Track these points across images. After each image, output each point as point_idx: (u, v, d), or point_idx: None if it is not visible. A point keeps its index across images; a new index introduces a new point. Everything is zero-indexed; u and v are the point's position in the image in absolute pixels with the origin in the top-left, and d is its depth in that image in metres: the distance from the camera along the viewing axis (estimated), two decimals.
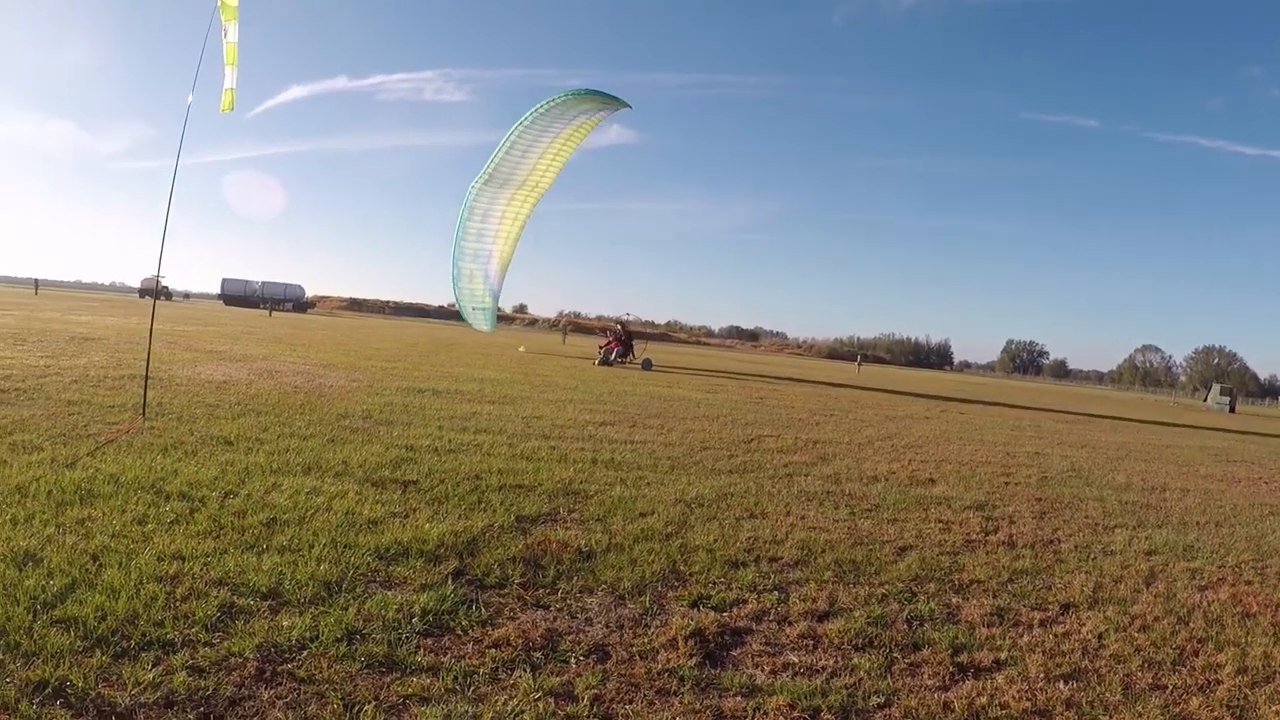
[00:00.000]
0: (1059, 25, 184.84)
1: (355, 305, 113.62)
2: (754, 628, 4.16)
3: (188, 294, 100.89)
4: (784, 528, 6.16)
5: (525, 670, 3.41)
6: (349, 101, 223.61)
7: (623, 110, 26.15)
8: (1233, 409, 51.07)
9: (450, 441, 8.39)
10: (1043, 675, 3.86)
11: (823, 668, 3.74)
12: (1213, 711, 3.68)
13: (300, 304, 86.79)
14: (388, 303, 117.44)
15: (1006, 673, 3.87)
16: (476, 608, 4.03)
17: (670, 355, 45.43)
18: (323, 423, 8.77)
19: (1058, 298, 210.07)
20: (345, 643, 3.47)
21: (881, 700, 3.47)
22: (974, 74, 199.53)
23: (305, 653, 3.36)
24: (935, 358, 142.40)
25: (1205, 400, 58.59)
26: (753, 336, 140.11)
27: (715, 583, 4.76)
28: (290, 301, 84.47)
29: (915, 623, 4.43)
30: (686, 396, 17.05)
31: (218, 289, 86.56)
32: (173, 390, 10.17)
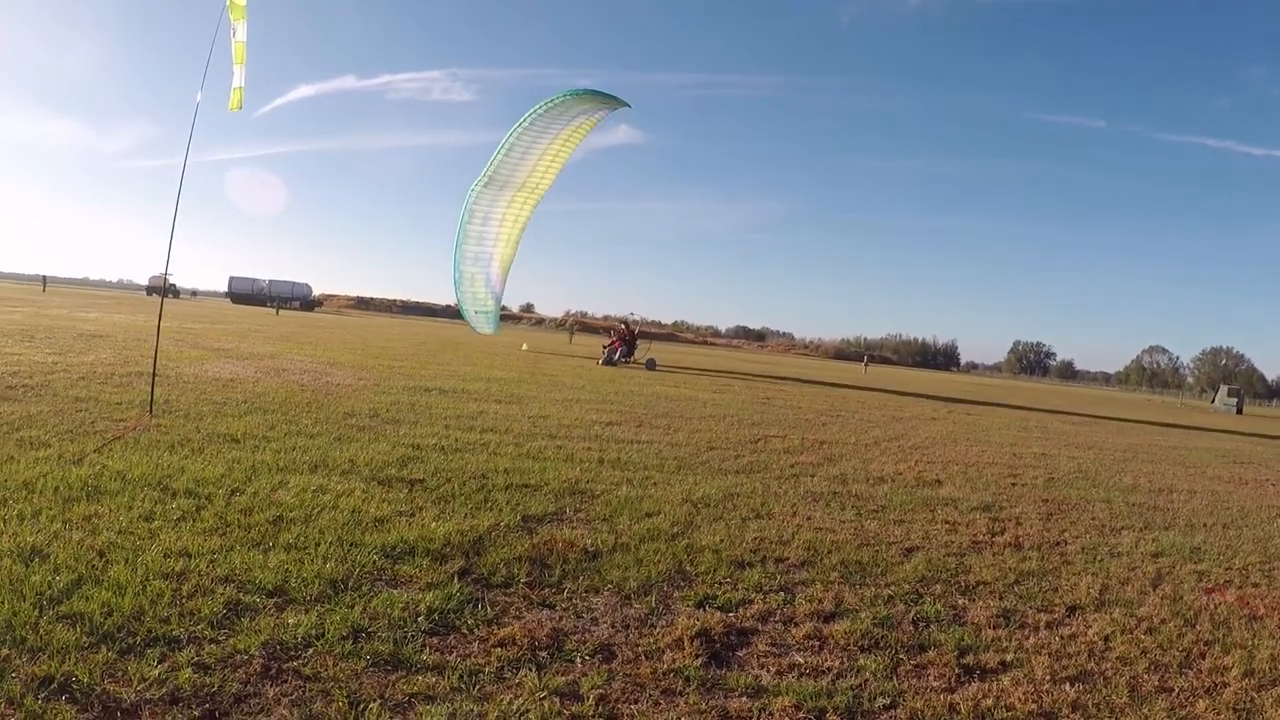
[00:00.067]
0: (1065, 25, 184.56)
1: (362, 304, 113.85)
2: (760, 628, 4.15)
3: (195, 292, 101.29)
4: (790, 528, 6.15)
5: (530, 669, 3.41)
6: (356, 101, 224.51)
7: (628, 110, 26.15)
8: (1240, 410, 50.92)
9: (457, 440, 8.40)
10: (1049, 677, 3.85)
11: (828, 669, 3.74)
12: (1219, 714, 3.67)
13: (307, 302, 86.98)
14: (395, 301, 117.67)
15: (1013, 674, 3.86)
16: (482, 607, 4.03)
17: (677, 355, 45.44)
18: (329, 421, 8.78)
19: (1065, 299, 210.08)
20: (351, 641, 3.47)
21: (887, 701, 3.46)
22: (980, 74, 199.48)
23: (311, 650, 3.36)
24: (942, 358, 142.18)
25: (1212, 401, 58.33)
26: (759, 337, 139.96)
27: (721, 583, 4.75)
28: (297, 300, 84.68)
29: (921, 624, 4.41)
30: (693, 397, 17.04)
31: (225, 287, 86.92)
32: (180, 388, 10.20)
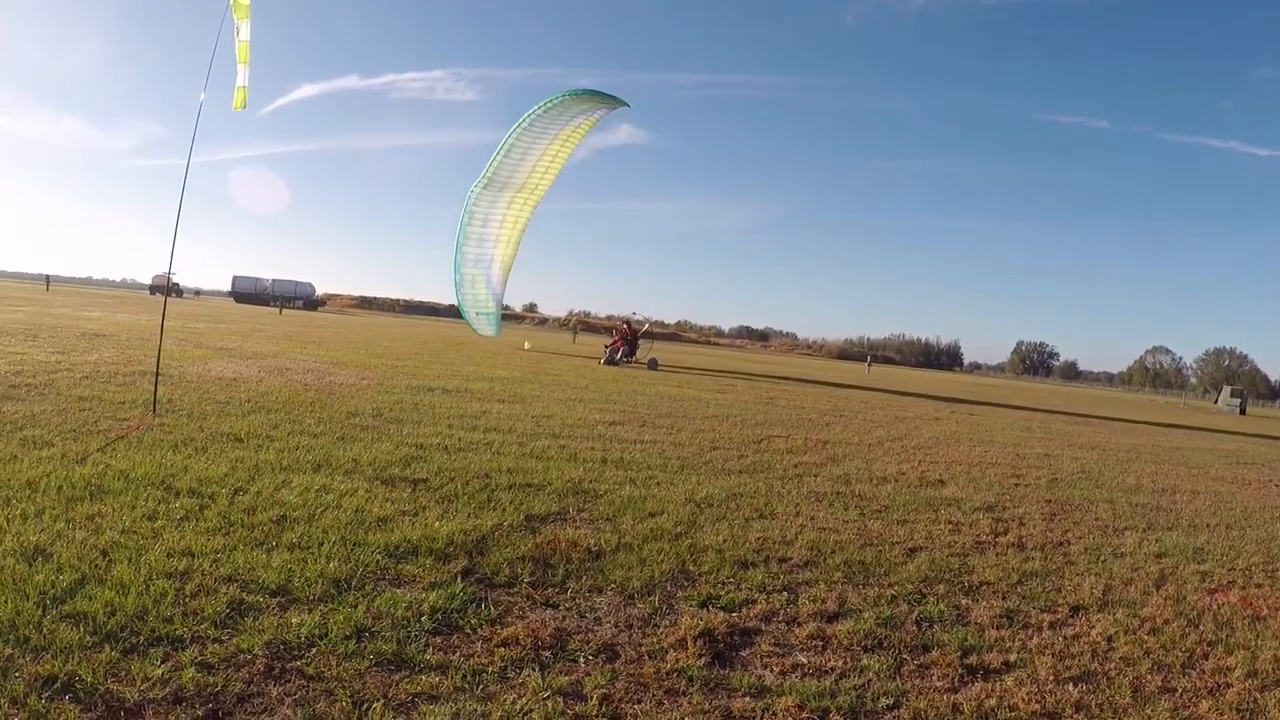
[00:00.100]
0: (1068, 25, 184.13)
1: (366, 303, 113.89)
2: (763, 628, 4.15)
3: (198, 291, 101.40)
4: (793, 528, 6.15)
5: (534, 669, 3.41)
6: (360, 100, 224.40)
7: (632, 110, 26.20)
8: (1243, 411, 50.80)
9: (460, 440, 8.40)
10: (1052, 677, 3.85)
11: (832, 669, 3.73)
12: (1222, 715, 3.67)
13: (311, 302, 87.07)
14: (398, 301, 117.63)
15: (1016, 675, 3.86)
16: (485, 606, 4.03)
17: (680, 355, 45.43)
18: (333, 420, 8.79)
19: (1068, 299, 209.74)
20: (354, 640, 3.48)
21: (890, 702, 3.46)
22: (983, 74, 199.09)
23: (314, 650, 3.36)
24: (945, 359, 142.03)
25: (1216, 402, 58.23)
26: (763, 337, 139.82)
27: (724, 583, 4.75)
28: (301, 299, 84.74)
29: (924, 624, 4.41)
30: (696, 396, 17.03)
31: (228, 286, 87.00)
32: (183, 387, 10.21)
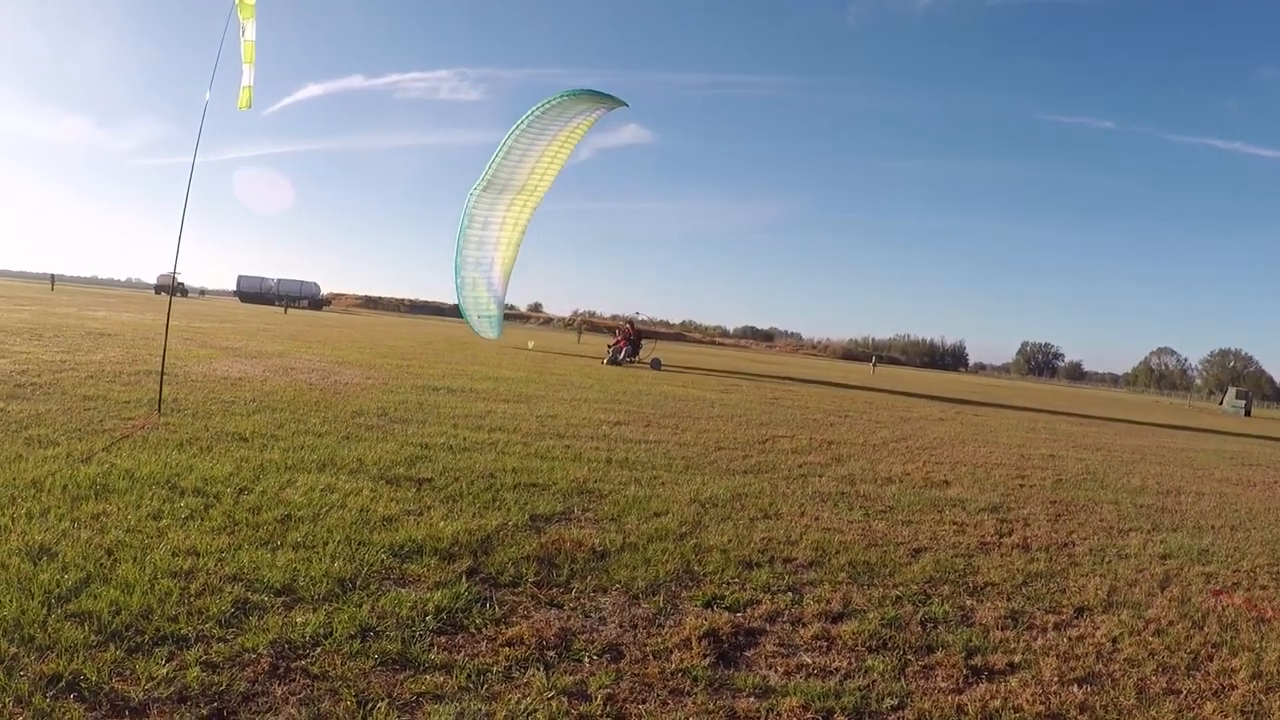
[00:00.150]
0: (1073, 26, 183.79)
1: (370, 303, 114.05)
2: (768, 628, 4.15)
3: (203, 291, 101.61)
4: (798, 529, 6.14)
5: (539, 669, 3.41)
6: (365, 100, 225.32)
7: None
8: (1248, 412, 50.60)
9: (465, 439, 8.40)
10: (1057, 679, 3.84)
11: (836, 669, 3.73)
12: (1227, 717, 3.65)
13: (316, 301, 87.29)
14: (403, 301, 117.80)
15: (1020, 676, 3.85)
16: (490, 606, 4.03)
17: (685, 355, 45.42)
18: (338, 420, 8.80)
19: (1073, 300, 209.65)
20: (359, 640, 3.48)
21: (895, 702, 3.45)
22: (987, 75, 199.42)
23: (319, 649, 3.36)
24: (950, 359, 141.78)
25: (1221, 403, 58.02)
26: (768, 337, 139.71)
27: (729, 583, 4.75)
28: (306, 299, 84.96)
29: (929, 625, 4.40)
30: (701, 396, 17.03)
31: (233, 286, 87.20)
32: (188, 386, 10.23)
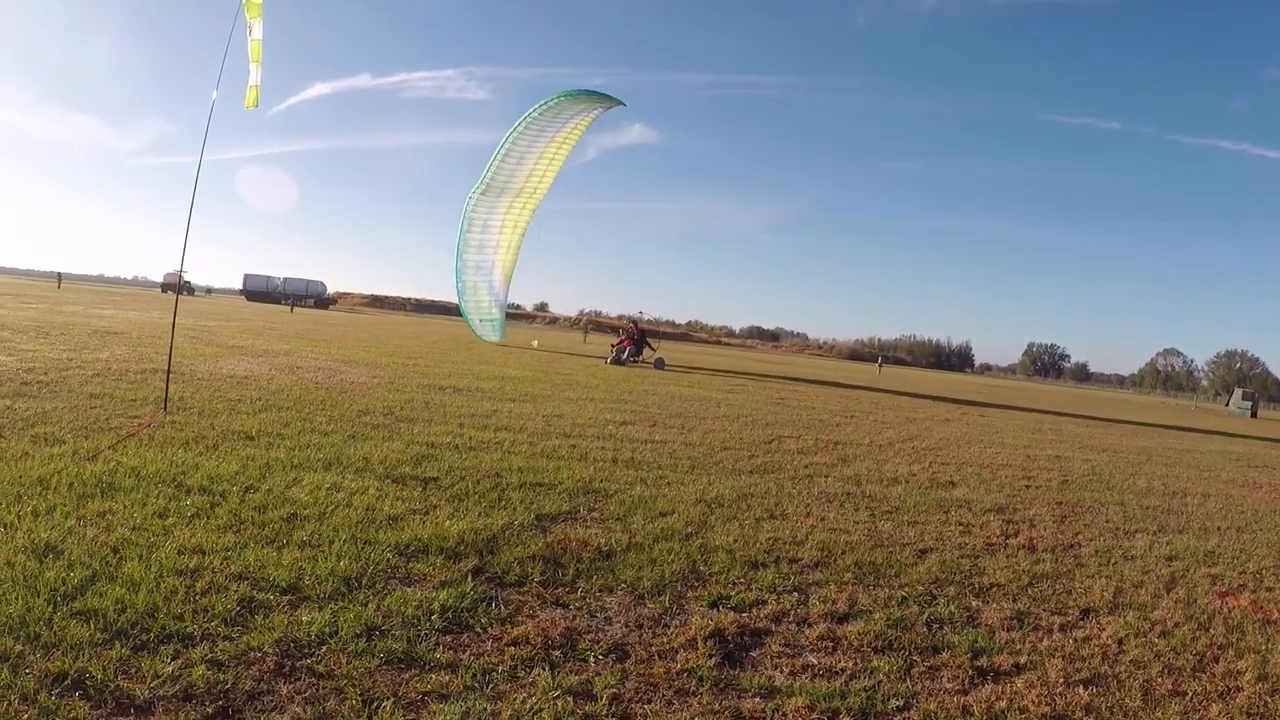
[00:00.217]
0: (1080, 27, 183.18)
1: (377, 302, 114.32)
2: (773, 629, 4.14)
3: (210, 289, 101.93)
4: (804, 529, 6.13)
5: (544, 669, 3.41)
6: (372, 99, 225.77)
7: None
8: (1255, 414, 50.47)
9: (471, 439, 8.41)
10: (1062, 680, 3.83)
11: (842, 670, 3.72)
12: (1232, 718, 3.63)
13: (322, 300, 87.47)
14: (409, 300, 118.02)
15: (1026, 677, 3.83)
16: (496, 605, 4.03)
17: (690, 355, 45.40)
18: (344, 419, 8.81)
19: (1079, 301, 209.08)
20: (364, 639, 3.48)
21: (900, 703, 3.44)
22: (993, 75, 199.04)
23: (324, 648, 3.37)
24: (956, 360, 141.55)
25: (1227, 405, 57.75)
26: (774, 337, 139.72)
27: (735, 583, 4.74)
28: (312, 298, 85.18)
29: (935, 626, 4.39)
30: (707, 396, 17.01)
31: (240, 284, 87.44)
32: (194, 385, 10.26)
